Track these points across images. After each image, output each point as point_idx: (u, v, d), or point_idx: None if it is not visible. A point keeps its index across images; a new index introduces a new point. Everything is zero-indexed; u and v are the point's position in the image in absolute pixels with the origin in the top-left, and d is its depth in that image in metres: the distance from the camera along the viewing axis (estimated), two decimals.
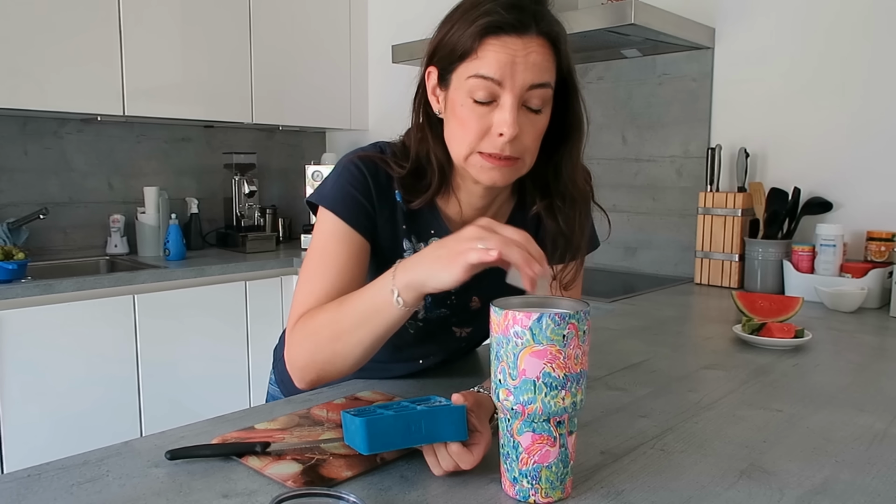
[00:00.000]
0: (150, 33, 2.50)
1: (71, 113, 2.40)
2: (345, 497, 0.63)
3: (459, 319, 1.04)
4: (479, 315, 1.05)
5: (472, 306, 1.03)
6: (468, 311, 1.03)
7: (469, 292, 1.01)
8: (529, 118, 0.86)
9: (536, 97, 0.85)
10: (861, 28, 1.91)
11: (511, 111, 0.83)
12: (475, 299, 1.03)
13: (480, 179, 0.89)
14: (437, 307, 1.01)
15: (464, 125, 0.86)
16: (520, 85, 0.83)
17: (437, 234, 0.97)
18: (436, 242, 0.80)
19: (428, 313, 1.01)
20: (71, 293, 2.12)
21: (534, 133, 0.87)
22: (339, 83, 3.12)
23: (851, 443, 0.83)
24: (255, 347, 2.55)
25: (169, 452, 0.75)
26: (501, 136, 0.84)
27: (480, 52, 0.84)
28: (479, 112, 0.85)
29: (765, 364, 1.19)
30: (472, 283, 0.98)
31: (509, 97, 0.83)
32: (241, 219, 2.99)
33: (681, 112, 2.28)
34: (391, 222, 0.96)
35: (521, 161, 0.88)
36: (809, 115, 2.02)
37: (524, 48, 0.83)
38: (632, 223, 2.44)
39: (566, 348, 0.64)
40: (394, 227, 0.96)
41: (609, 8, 1.92)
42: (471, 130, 0.85)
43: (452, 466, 0.71)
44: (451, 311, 1.02)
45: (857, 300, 1.68)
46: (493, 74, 0.83)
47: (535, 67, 0.84)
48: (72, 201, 2.68)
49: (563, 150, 0.94)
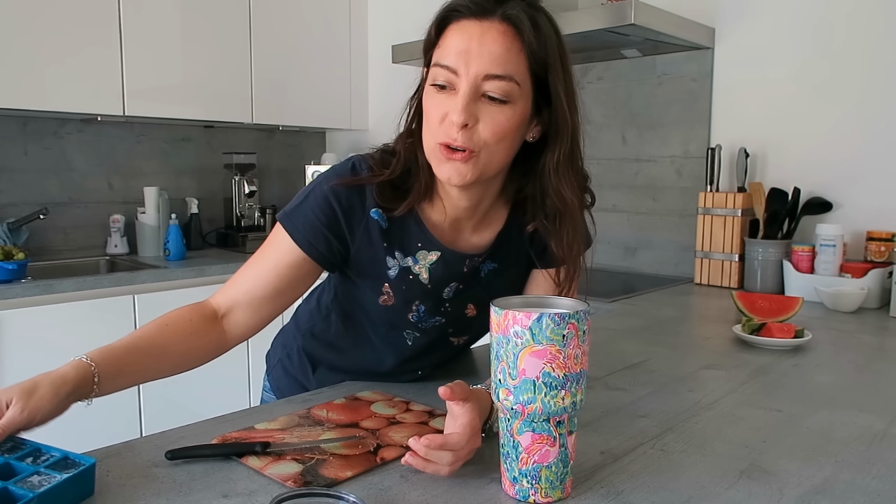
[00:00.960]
0: (150, 33, 2.50)
1: (71, 113, 2.40)
2: (345, 497, 0.63)
3: (456, 328, 1.02)
4: (476, 321, 1.03)
5: (467, 314, 1.01)
6: (464, 319, 1.01)
7: (464, 300, 0.99)
8: (489, 109, 0.80)
9: (495, 88, 0.80)
10: (861, 28, 1.91)
11: (462, 98, 0.79)
12: (471, 307, 1.00)
13: (440, 174, 0.85)
14: (431, 316, 0.98)
15: (426, 115, 0.84)
16: (473, 73, 0.79)
17: (424, 246, 0.93)
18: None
19: (423, 323, 0.98)
20: (71, 293, 2.12)
21: (493, 126, 0.81)
22: (339, 83, 3.12)
23: (851, 443, 0.83)
24: (254, 347, 2.54)
25: (169, 452, 0.75)
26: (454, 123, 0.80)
27: (442, 40, 0.83)
28: (439, 100, 0.82)
29: (765, 364, 1.19)
30: (466, 291, 0.97)
31: (463, 85, 0.79)
32: (241, 219, 2.99)
33: (681, 112, 2.28)
34: (367, 244, 0.92)
35: (476, 156, 0.82)
36: (809, 115, 2.02)
37: (480, 33, 0.79)
38: (632, 223, 2.44)
39: (566, 348, 0.64)
40: (371, 247, 0.92)
41: (609, 8, 1.92)
42: (431, 119, 0.83)
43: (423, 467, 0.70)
44: (446, 318, 1.00)
45: (856, 300, 1.68)
46: (448, 63, 0.80)
47: (490, 56, 0.79)
48: (72, 201, 2.68)
49: (544, 159, 0.88)
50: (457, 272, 0.95)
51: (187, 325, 0.89)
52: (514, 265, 1.00)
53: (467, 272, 0.96)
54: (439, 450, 0.69)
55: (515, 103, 0.81)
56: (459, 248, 0.95)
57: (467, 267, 0.96)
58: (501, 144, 0.83)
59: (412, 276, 0.94)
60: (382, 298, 0.96)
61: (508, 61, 0.80)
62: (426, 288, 0.95)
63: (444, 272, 0.95)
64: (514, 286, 1.02)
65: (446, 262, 0.94)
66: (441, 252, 0.94)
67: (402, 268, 0.94)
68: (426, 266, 0.94)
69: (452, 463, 0.70)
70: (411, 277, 0.94)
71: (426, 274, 0.94)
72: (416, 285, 0.95)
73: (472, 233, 0.96)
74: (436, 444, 0.69)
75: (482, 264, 0.97)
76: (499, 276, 0.99)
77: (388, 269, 0.94)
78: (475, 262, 0.96)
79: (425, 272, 0.94)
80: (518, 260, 1.00)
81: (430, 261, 0.94)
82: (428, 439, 0.69)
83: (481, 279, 0.98)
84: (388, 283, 0.95)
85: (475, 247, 0.96)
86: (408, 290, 0.95)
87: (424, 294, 0.96)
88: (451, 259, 0.94)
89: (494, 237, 0.97)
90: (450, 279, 0.96)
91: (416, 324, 0.99)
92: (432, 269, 0.94)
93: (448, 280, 0.96)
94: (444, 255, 0.94)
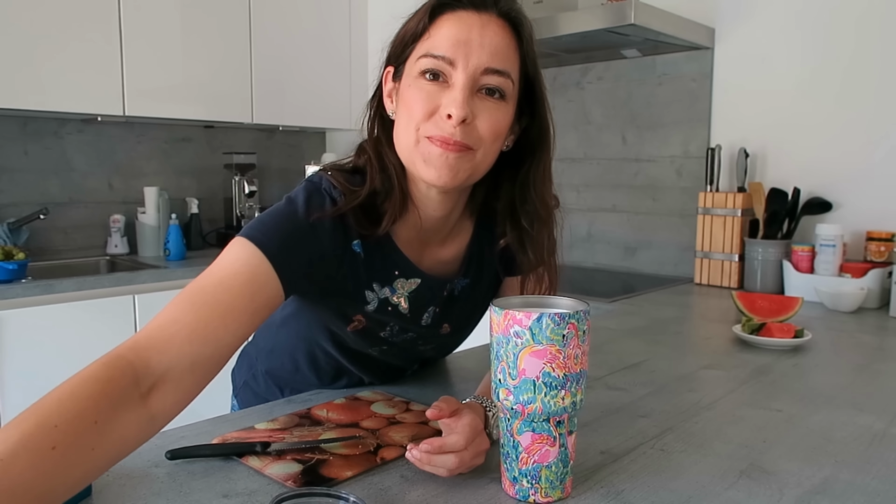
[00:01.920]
0: (150, 33, 2.50)
1: (71, 113, 2.40)
2: (345, 497, 0.63)
3: (426, 342, 0.98)
4: (450, 338, 1.00)
5: (441, 332, 0.97)
6: (437, 337, 0.97)
7: (440, 320, 0.94)
8: (486, 105, 0.76)
9: (494, 83, 0.75)
10: (861, 27, 1.91)
11: (462, 90, 0.74)
12: (446, 326, 0.96)
13: (427, 176, 0.77)
14: (404, 332, 0.93)
15: (410, 107, 0.76)
16: (474, 65, 0.74)
17: (402, 273, 0.87)
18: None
19: (395, 338, 0.93)
20: (71, 293, 2.12)
21: (490, 122, 0.76)
22: (339, 83, 3.12)
23: (851, 443, 0.83)
24: None
25: (169, 452, 0.75)
26: (450, 118, 0.74)
27: (433, 29, 0.76)
28: (428, 91, 0.75)
29: (765, 364, 1.19)
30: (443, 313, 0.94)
31: (461, 76, 0.74)
32: (242, 219, 2.99)
33: (681, 112, 2.28)
34: (354, 277, 0.84)
35: (473, 153, 0.76)
36: (809, 116, 2.02)
37: (481, 24, 0.75)
38: (632, 223, 2.44)
39: (566, 348, 0.64)
40: (356, 280, 0.84)
41: (609, 8, 1.92)
42: (417, 111, 0.75)
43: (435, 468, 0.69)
44: (417, 334, 0.94)
45: (856, 300, 1.68)
46: (444, 52, 0.74)
47: (492, 48, 0.75)
48: (72, 201, 2.68)
49: (531, 164, 0.85)
50: (437, 297, 0.91)
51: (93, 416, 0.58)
52: (486, 280, 0.96)
53: (446, 296, 0.92)
54: (439, 453, 0.68)
55: (508, 102, 0.78)
56: (428, 267, 0.89)
57: (447, 291, 0.92)
58: (495, 144, 0.79)
59: (391, 307, 0.88)
60: (352, 325, 0.90)
61: (507, 57, 0.77)
62: (405, 317, 0.90)
63: (424, 300, 0.90)
64: (486, 301, 0.92)
65: (428, 287, 0.89)
66: (421, 279, 0.88)
67: (381, 300, 0.87)
68: (405, 294, 0.88)
69: (456, 467, 0.68)
70: (390, 309, 0.88)
71: (406, 304, 0.89)
72: (395, 315, 0.89)
73: (439, 246, 0.90)
74: (435, 447, 0.68)
75: (457, 282, 0.93)
76: (472, 293, 0.95)
77: (367, 305, 0.87)
78: (453, 285, 0.92)
79: (405, 301, 0.88)
80: (488, 274, 0.96)
81: (409, 289, 0.88)
82: (428, 444, 0.68)
83: (456, 298, 0.94)
84: (361, 315, 0.88)
85: (444, 264, 0.91)
86: (385, 318, 0.89)
87: (401, 319, 0.91)
88: (432, 285, 0.89)
89: (463, 252, 0.92)
90: (429, 305, 0.91)
91: (386, 339, 0.93)
92: (411, 298, 0.88)
93: (427, 306, 0.91)
94: (424, 281, 0.88)
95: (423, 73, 0.76)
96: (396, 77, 0.82)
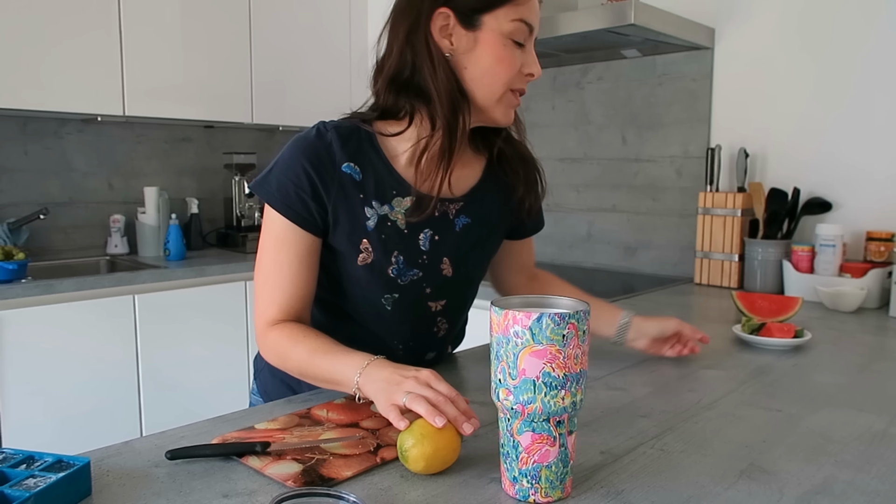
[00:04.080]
0: (150, 33, 2.50)
1: (71, 113, 2.40)
2: (345, 497, 0.63)
3: (433, 287, 1.03)
4: (451, 284, 1.04)
5: (443, 270, 1.03)
6: (440, 277, 1.03)
7: (439, 252, 1.02)
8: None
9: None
10: (861, 27, 1.91)
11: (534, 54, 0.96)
12: (446, 261, 1.03)
13: (504, 119, 0.98)
14: (409, 268, 1.00)
15: (505, 64, 0.93)
16: (537, 33, 0.96)
17: (399, 192, 0.98)
18: (388, 370, 0.82)
19: (402, 278, 1.00)
20: (71, 293, 2.12)
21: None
22: (339, 83, 3.12)
23: (851, 443, 0.83)
24: (255, 347, 2.55)
25: (169, 452, 0.75)
26: (531, 76, 0.96)
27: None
28: (517, 54, 0.94)
29: (765, 364, 1.19)
30: (442, 244, 1.01)
31: (531, 42, 0.95)
32: (242, 219, 2.99)
33: (681, 112, 2.28)
34: (344, 199, 0.96)
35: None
36: (809, 116, 2.02)
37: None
38: (632, 223, 2.44)
39: (566, 348, 0.64)
40: (348, 202, 0.96)
41: (609, 8, 1.92)
42: (512, 68, 0.93)
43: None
44: (423, 272, 1.01)
45: (856, 300, 1.68)
46: (533, 21, 0.94)
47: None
48: (72, 201, 2.68)
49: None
50: (432, 218, 1.00)
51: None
52: (487, 224, 1.06)
53: (439, 216, 1.00)
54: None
55: None
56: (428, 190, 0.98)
57: (439, 211, 1.00)
58: None
59: (390, 222, 0.98)
60: (361, 257, 0.98)
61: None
62: (403, 233, 0.98)
63: (419, 215, 0.98)
64: (485, 249, 1.09)
65: (419, 205, 0.98)
66: (414, 197, 0.98)
67: (380, 216, 0.97)
68: (401, 211, 0.98)
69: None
70: (389, 224, 0.98)
71: (402, 219, 0.98)
72: (394, 232, 0.98)
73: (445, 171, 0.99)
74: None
75: (456, 218, 1.02)
76: (472, 233, 1.04)
77: (367, 220, 0.97)
78: (446, 206, 1.01)
79: (401, 217, 0.98)
80: (491, 220, 1.06)
81: (404, 206, 0.98)
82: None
83: (456, 233, 1.02)
84: (366, 238, 0.97)
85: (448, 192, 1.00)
86: (386, 239, 0.98)
87: (402, 241, 0.99)
88: (423, 202, 0.98)
89: (469, 188, 1.04)
90: (424, 224, 0.99)
91: (395, 279, 0.99)
92: (407, 214, 0.98)
93: (423, 225, 0.99)
94: (416, 199, 0.98)
95: (515, 36, 0.93)
96: (467, 24, 0.93)
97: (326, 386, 0.92)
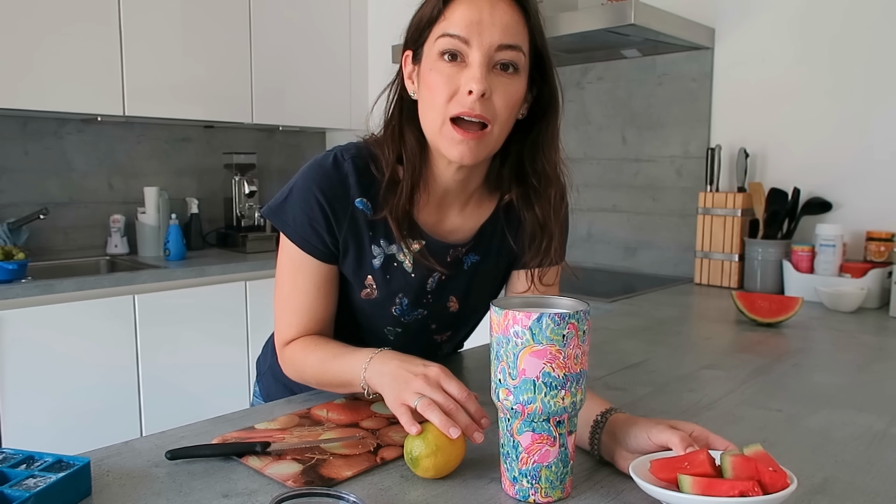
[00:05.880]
0: (150, 33, 2.50)
1: (71, 113, 2.40)
2: (345, 497, 0.62)
3: (438, 323, 1.02)
4: (457, 318, 1.03)
5: (450, 307, 1.01)
6: (446, 314, 1.01)
7: (446, 292, 0.99)
8: (500, 80, 0.83)
9: (507, 58, 0.82)
10: (861, 27, 1.91)
11: (479, 67, 0.81)
12: (453, 300, 1.00)
13: (450, 155, 0.85)
14: (414, 308, 0.98)
15: (433, 89, 0.83)
16: (487, 43, 0.81)
17: (409, 234, 0.93)
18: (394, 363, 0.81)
19: (406, 317, 0.99)
20: (71, 293, 2.12)
21: (505, 97, 0.83)
22: (339, 83, 3.12)
23: (851, 443, 0.83)
24: (254, 347, 2.55)
25: (169, 452, 0.75)
26: (470, 93, 0.80)
27: (447, 12, 0.83)
28: (448, 73, 0.82)
29: (765, 364, 1.19)
30: (449, 283, 0.98)
31: (477, 54, 0.81)
32: (242, 219, 2.99)
33: (681, 112, 2.28)
34: (354, 234, 0.93)
35: (489, 131, 0.84)
36: (809, 115, 2.02)
37: (490, 6, 0.82)
38: (632, 223, 2.44)
39: (566, 348, 0.64)
40: (357, 237, 0.93)
41: (609, 8, 1.92)
42: (440, 92, 0.82)
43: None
44: (428, 311, 1.00)
45: (856, 300, 1.68)
46: (460, 32, 0.81)
47: (502, 26, 0.81)
48: (72, 201, 2.68)
49: (540, 127, 0.92)
50: (440, 262, 0.95)
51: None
52: (496, 260, 1.01)
53: (450, 262, 0.97)
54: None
55: (521, 74, 0.85)
56: (442, 236, 0.96)
57: (451, 257, 0.97)
58: (511, 117, 0.86)
59: (396, 263, 0.95)
60: (365, 292, 0.96)
61: (518, 32, 0.83)
62: (409, 277, 0.96)
63: (429, 262, 0.95)
64: (495, 282, 1.04)
65: (430, 250, 0.95)
66: (425, 241, 0.94)
67: (387, 255, 0.94)
68: (410, 255, 0.95)
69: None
70: (395, 265, 0.95)
71: (410, 262, 0.95)
72: (400, 274, 0.95)
73: (458, 213, 0.97)
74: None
75: (465, 256, 0.98)
76: (481, 270, 1.00)
77: (374, 259, 0.94)
78: (458, 252, 0.97)
79: (409, 260, 0.95)
80: (500, 255, 1.01)
81: (414, 249, 0.94)
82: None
83: (464, 272, 0.99)
84: (371, 276, 0.95)
85: (459, 233, 0.97)
86: (392, 280, 0.95)
87: (408, 284, 0.96)
88: (435, 248, 0.95)
89: (479, 227, 0.98)
90: (433, 269, 0.96)
91: (398, 317, 0.98)
92: (416, 258, 0.95)
93: (431, 270, 0.96)
94: (428, 243, 0.95)
95: (442, 53, 0.83)
96: (416, 60, 0.89)
97: (342, 390, 0.91)
